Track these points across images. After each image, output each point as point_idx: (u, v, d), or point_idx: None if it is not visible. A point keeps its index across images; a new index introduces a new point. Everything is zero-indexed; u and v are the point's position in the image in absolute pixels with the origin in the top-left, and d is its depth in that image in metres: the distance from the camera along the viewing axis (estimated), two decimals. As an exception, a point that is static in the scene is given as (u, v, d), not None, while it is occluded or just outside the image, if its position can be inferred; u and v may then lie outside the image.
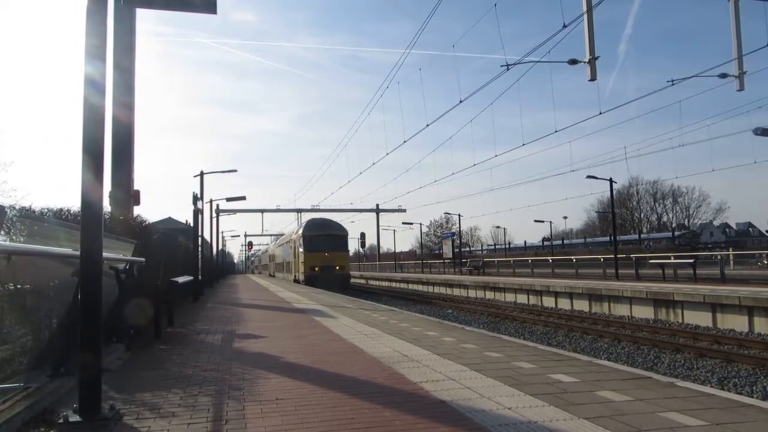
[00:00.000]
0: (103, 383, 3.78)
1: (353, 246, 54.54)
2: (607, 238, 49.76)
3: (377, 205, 68.49)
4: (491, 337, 7.41)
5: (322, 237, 31.86)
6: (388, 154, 45.75)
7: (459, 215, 51.49)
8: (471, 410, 3.81)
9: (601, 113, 16.79)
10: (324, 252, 31.02)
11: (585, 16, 13.15)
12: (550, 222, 67.00)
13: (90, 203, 3.77)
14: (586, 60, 13.40)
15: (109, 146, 11.64)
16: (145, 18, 51.45)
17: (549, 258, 35.65)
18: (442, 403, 4.04)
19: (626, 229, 72.48)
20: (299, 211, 64.63)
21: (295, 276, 35.07)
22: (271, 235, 78.79)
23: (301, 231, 34.11)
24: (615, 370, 5.12)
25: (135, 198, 12.29)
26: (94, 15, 3.84)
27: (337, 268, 31.18)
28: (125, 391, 4.66)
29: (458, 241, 55.78)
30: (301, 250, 32.64)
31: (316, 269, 30.66)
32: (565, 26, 12.02)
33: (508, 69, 14.28)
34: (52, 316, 4.92)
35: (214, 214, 34.09)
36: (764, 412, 3.64)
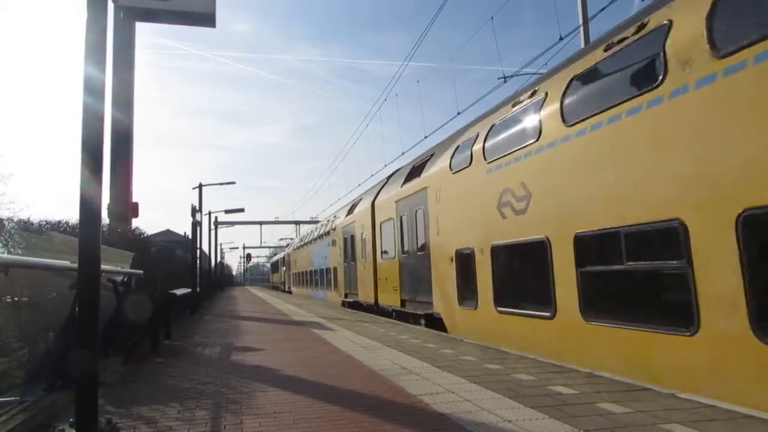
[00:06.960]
0: (100, 397, 3.74)
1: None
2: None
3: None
4: (490, 349, 7.37)
5: None
6: (386, 165, 46.00)
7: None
8: (471, 423, 3.78)
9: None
10: None
11: (581, 29, 13.26)
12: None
13: (88, 215, 3.75)
14: (583, 72, 13.47)
15: (108, 158, 11.67)
16: (141, 31, 51.68)
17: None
18: (441, 416, 4.01)
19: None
20: (297, 222, 64.54)
21: None
22: (270, 246, 79.00)
23: None
24: (615, 381, 5.09)
25: (133, 210, 12.28)
26: (93, 29, 3.86)
27: None
28: (122, 404, 4.63)
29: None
30: None
31: None
32: (561, 38, 12.09)
33: (505, 81, 14.32)
34: (49, 329, 4.90)
35: (212, 226, 34.04)
36: (767, 423, 3.62)
